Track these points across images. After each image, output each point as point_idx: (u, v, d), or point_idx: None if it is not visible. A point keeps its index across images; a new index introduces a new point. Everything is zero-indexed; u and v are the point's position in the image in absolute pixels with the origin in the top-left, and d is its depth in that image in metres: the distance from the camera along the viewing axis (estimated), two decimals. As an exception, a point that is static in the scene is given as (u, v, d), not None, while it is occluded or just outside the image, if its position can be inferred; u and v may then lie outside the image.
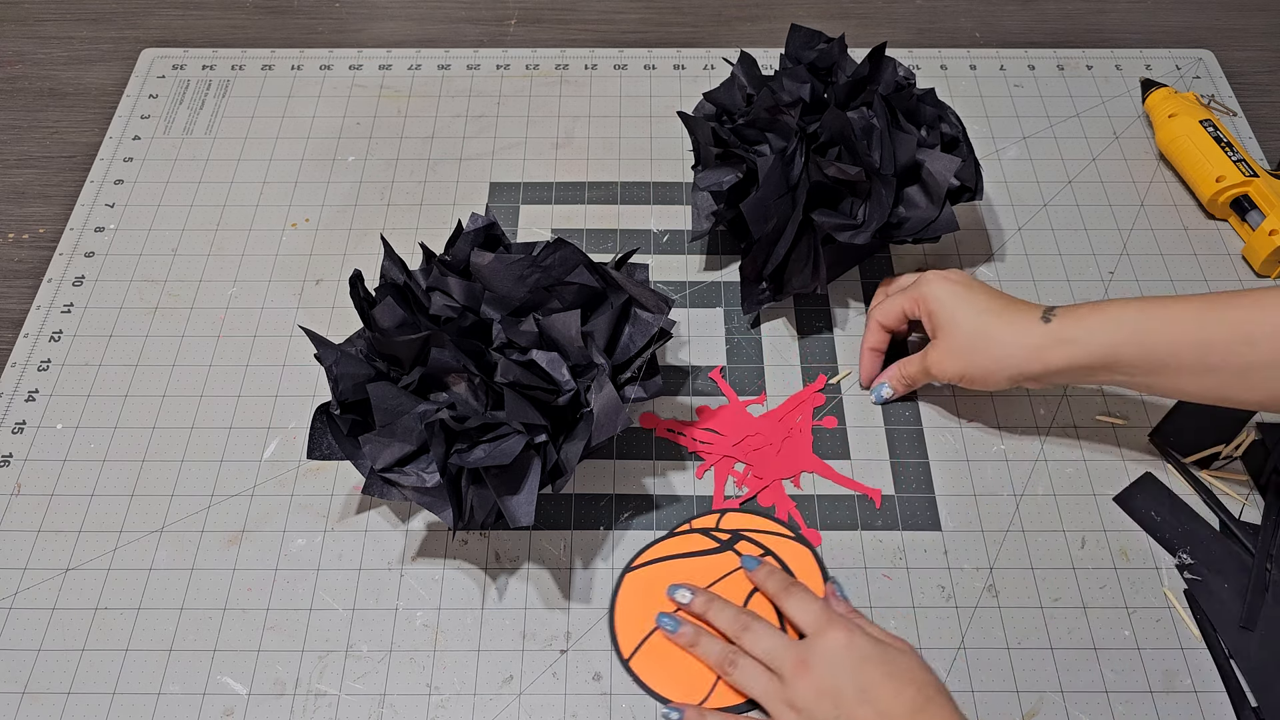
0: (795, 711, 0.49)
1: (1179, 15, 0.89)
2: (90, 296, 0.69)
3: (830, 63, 0.65)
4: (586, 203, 0.74)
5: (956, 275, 0.59)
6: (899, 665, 0.49)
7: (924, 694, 0.48)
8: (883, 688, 0.48)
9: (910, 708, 0.47)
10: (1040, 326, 0.54)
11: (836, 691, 0.48)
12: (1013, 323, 0.55)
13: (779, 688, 0.50)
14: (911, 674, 0.49)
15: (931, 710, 0.47)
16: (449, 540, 0.58)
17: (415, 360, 0.53)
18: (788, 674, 0.50)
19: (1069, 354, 0.53)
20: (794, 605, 0.52)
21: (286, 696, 0.53)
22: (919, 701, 0.47)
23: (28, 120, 0.81)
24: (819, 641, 0.50)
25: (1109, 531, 0.58)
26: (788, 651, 0.50)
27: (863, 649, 0.49)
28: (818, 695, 0.48)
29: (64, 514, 0.59)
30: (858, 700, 0.48)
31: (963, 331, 0.56)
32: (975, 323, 0.56)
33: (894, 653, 0.50)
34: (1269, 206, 0.69)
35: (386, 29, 0.88)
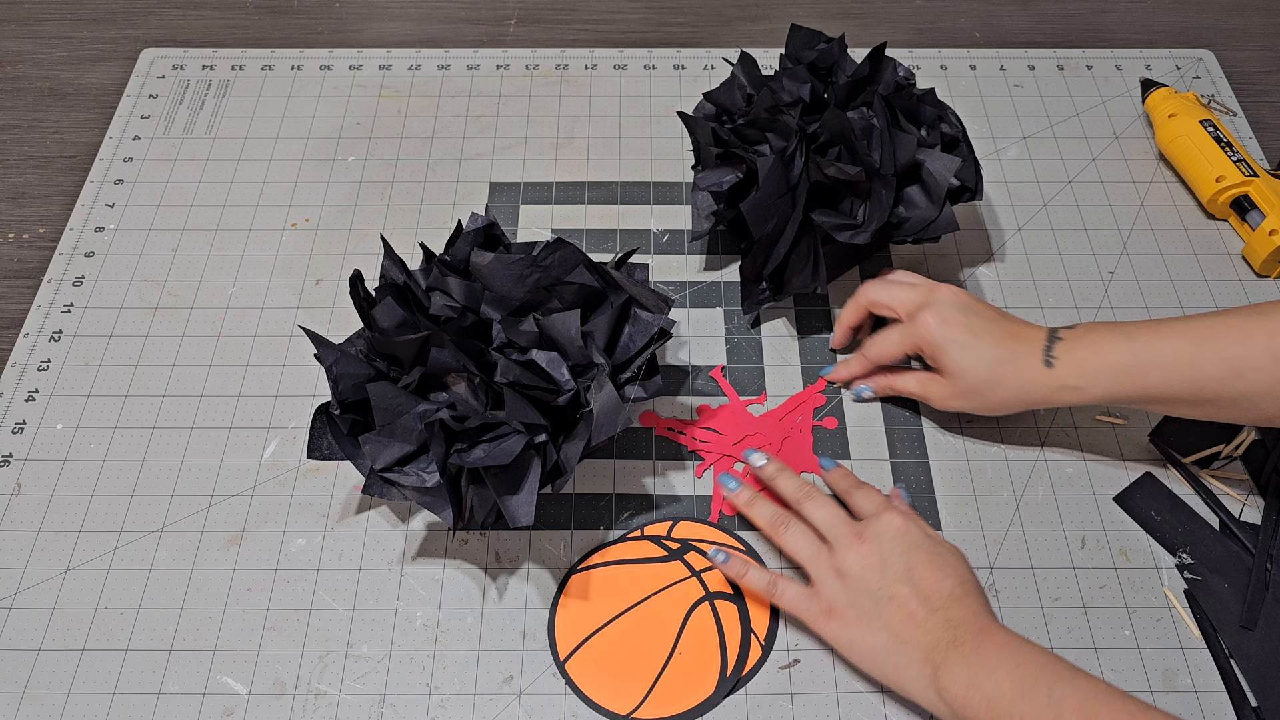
0: (840, 578, 0.52)
1: (1179, 15, 0.89)
2: (90, 296, 0.69)
3: (830, 63, 0.65)
4: (586, 203, 0.74)
5: (957, 316, 0.57)
6: (946, 558, 0.52)
7: (963, 586, 0.50)
8: (926, 571, 0.50)
9: (947, 595, 0.50)
10: (1044, 374, 0.55)
11: (883, 565, 0.51)
12: (1019, 369, 0.56)
13: (828, 555, 0.53)
14: (955, 568, 0.51)
15: (967, 602, 0.50)
16: (449, 540, 0.58)
17: (415, 360, 0.53)
18: (840, 543, 0.53)
19: (1073, 398, 0.55)
20: (859, 496, 0.56)
21: (286, 696, 0.53)
22: (957, 592, 0.50)
23: (28, 120, 0.81)
24: (876, 521, 0.53)
25: (1109, 531, 0.58)
26: (844, 524, 0.54)
27: (915, 536, 0.52)
28: (864, 565, 0.51)
29: (64, 514, 0.59)
30: (900, 578, 0.50)
31: (972, 377, 0.57)
32: (984, 371, 0.56)
33: (944, 547, 0.52)
34: (1269, 206, 0.69)
35: (386, 29, 0.88)
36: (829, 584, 0.52)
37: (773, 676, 0.53)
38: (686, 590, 0.56)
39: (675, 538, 0.58)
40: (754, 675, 0.53)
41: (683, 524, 0.58)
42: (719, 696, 0.53)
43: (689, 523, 0.59)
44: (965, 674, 0.47)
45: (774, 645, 0.54)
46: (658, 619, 0.55)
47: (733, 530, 0.58)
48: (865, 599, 0.51)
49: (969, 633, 0.48)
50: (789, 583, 0.54)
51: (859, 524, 0.54)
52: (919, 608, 0.49)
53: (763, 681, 0.53)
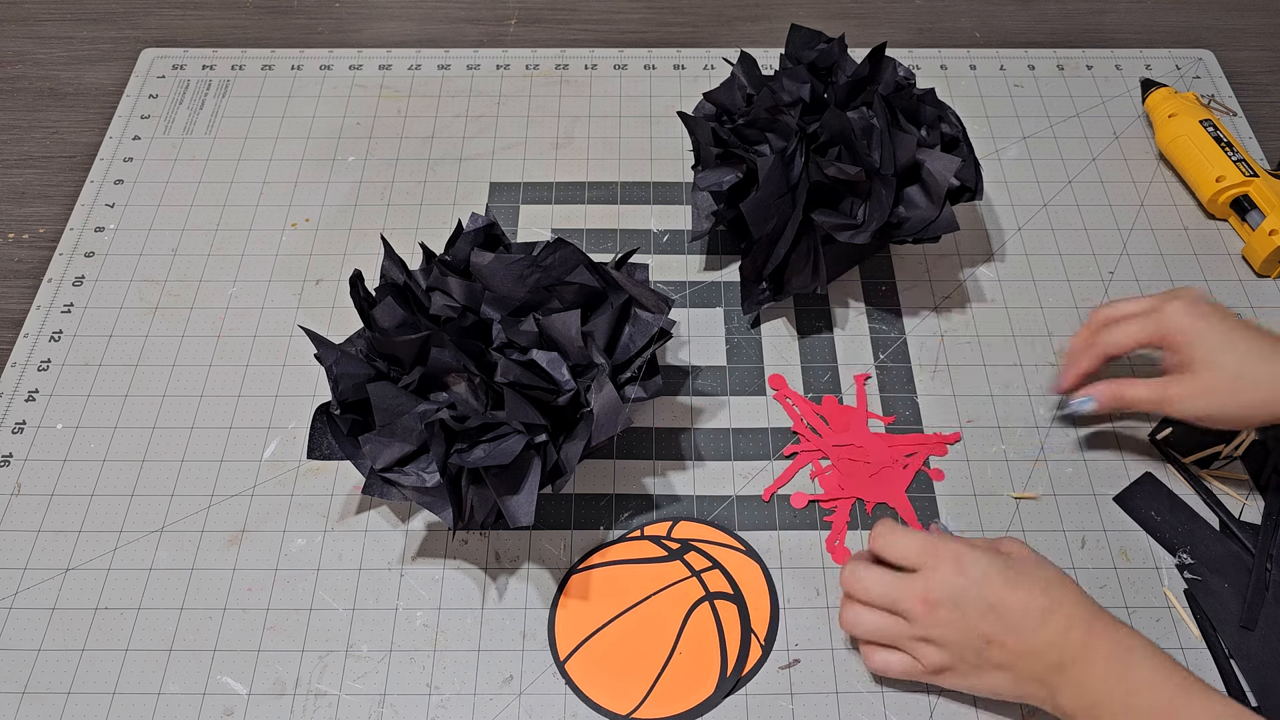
0: (930, 644, 0.49)
1: (1179, 15, 0.89)
2: (90, 296, 0.69)
3: (830, 63, 0.65)
4: (586, 203, 0.74)
5: (1209, 309, 0.54)
6: (1019, 571, 0.48)
7: (1049, 595, 0.47)
8: (1007, 598, 0.47)
9: (1038, 617, 0.47)
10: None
11: (963, 617, 0.48)
12: (1277, 369, 0.52)
13: (906, 627, 0.50)
14: (1033, 576, 0.48)
15: (1058, 614, 0.47)
16: (449, 540, 0.58)
17: (415, 360, 0.53)
18: (912, 614, 0.49)
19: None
20: (894, 543, 0.51)
21: (286, 696, 0.53)
22: (1048, 606, 0.47)
23: (28, 120, 0.81)
24: (931, 573, 0.49)
25: (1109, 531, 0.58)
26: (902, 589, 0.49)
27: (977, 567, 0.48)
28: (945, 627, 0.48)
29: (64, 514, 0.59)
30: (986, 619, 0.47)
31: (1225, 374, 0.53)
32: (1235, 364, 0.52)
33: (1009, 559, 0.49)
34: (1269, 206, 0.69)
35: (386, 29, 0.88)
36: (925, 652, 0.49)
37: (773, 676, 0.53)
38: (686, 590, 0.56)
39: (675, 538, 0.58)
40: (754, 675, 0.53)
41: (683, 524, 0.58)
42: (719, 696, 0.53)
43: (689, 523, 0.59)
44: (1077, 698, 0.46)
45: (774, 645, 0.54)
46: (658, 619, 0.55)
47: (732, 530, 0.58)
48: (966, 653, 0.48)
49: (1071, 653, 0.46)
50: (890, 654, 0.51)
51: (916, 580, 0.49)
52: (1016, 643, 0.47)
53: (763, 681, 0.53)
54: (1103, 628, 0.47)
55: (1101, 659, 0.46)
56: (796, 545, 0.58)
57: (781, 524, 0.58)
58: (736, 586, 0.56)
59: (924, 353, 0.66)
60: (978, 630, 0.48)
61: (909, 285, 0.69)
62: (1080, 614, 0.47)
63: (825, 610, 0.55)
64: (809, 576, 0.56)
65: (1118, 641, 0.46)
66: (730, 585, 0.56)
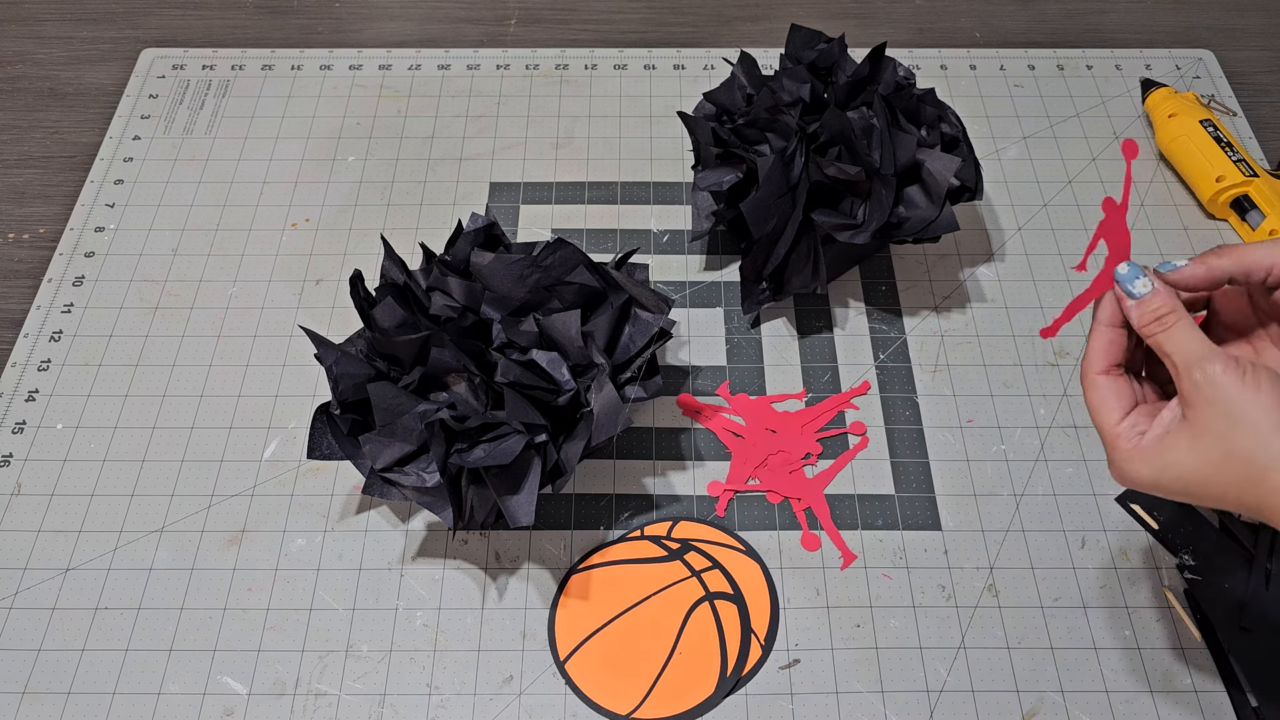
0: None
1: (1179, 15, 0.89)
2: (90, 296, 0.69)
3: (830, 63, 0.65)
4: (586, 203, 0.74)
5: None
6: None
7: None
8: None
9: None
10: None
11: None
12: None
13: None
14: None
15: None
16: (449, 540, 0.58)
17: (415, 360, 0.53)
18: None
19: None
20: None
21: (286, 696, 0.53)
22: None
23: (28, 120, 0.81)
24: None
25: (1109, 531, 0.58)
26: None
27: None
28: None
29: (64, 514, 0.59)
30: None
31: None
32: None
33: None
34: (1269, 206, 0.69)
35: (386, 29, 0.88)
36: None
37: (773, 676, 0.53)
38: (686, 590, 0.56)
39: (675, 538, 0.58)
40: (754, 675, 0.53)
41: (683, 524, 0.58)
42: (719, 696, 0.53)
43: (689, 523, 0.59)
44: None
45: (774, 645, 0.54)
46: (658, 619, 0.55)
47: (732, 530, 0.58)
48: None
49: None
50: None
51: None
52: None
53: (763, 681, 0.53)
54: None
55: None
56: (796, 545, 0.58)
57: (781, 524, 0.58)
58: (736, 586, 0.56)
59: (924, 353, 0.66)
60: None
61: (909, 285, 0.69)
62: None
63: (825, 610, 0.55)
64: (809, 576, 0.56)
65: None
66: (730, 585, 0.56)
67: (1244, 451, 0.38)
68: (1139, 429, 0.42)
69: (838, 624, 0.55)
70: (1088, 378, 0.44)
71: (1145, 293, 0.43)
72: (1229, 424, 0.39)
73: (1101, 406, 0.44)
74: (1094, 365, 0.44)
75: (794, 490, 0.59)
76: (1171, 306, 0.42)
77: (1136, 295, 0.43)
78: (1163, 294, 0.42)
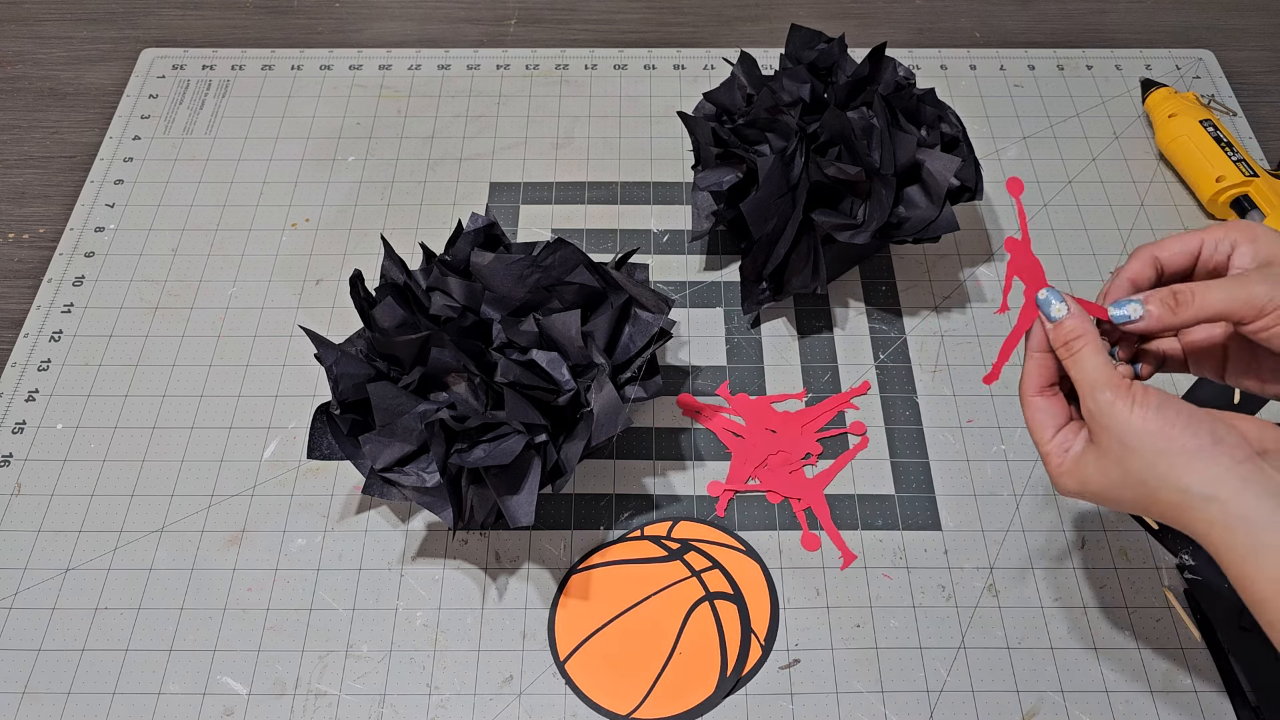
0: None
1: (1179, 15, 0.89)
2: (90, 296, 0.69)
3: (830, 63, 0.65)
4: (586, 203, 0.74)
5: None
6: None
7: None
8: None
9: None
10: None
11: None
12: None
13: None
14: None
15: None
16: (449, 540, 0.58)
17: (415, 360, 0.53)
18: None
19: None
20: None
21: (286, 696, 0.53)
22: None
23: (28, 120, 0.81)
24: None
25: (1109, 531, 0.58)
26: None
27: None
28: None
29: (64, 514, 0.59)
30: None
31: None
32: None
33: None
34: (1269, 206, 0.69)
35: (386, 29, 0.88)
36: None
37: (773, 676, 0.53)
38: (686, 590, 0.56)
39: (675, 538, 0.58)
40: (754, 675, 0.53)
41: (683, 524, 0.58)
42: (719, 696, 0.53)
43: (689, 523, 0.59)
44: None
45: (774, 645, 0.54)
46: (658, 619, 0.55)
47: (732, 530, 0.58)
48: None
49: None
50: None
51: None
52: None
53: (763, 681, 0.53)
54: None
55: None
56: (796, 545, 0.58)
57: (781, 524, 0.58)
58: (736, 586, 0.56)
59: (924, 353, 0.66)
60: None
61: (909, 285, 0.69)
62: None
63: (825, 610, 0.55)
64: (809, 576, 0.56)
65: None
66: (730, 585, 0.56)
67: (1136, 473, 0.41)
68: (1065, 445, 0.45)
69: (838, 624, 0.55)
70: (1024, 399, 0.47)
71: (1060, 317, 0.45)
72: (1122, 448, 0.42)
73: (1035, 425, 0.46)
74: (1029, 387, 0.47)
75: (794, 490, 0.59)
76: (1080, 331, 0.44)
77: (1053, 319, 0.45)
78: (1075, 318, 0.44)
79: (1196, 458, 0.40)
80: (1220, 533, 0.40)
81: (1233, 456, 0.40)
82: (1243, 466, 0.40)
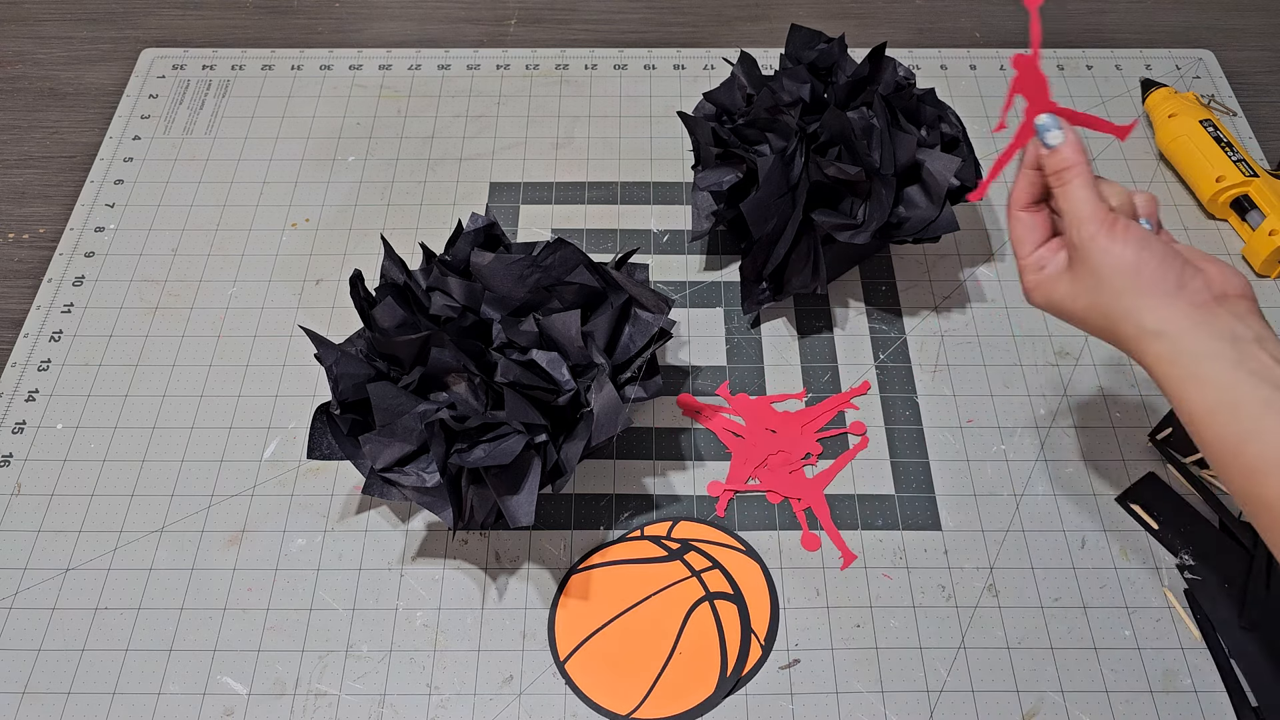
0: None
1: (1179, 15, 0.89)
2: (90, 296, 0.69)
3: (830, 63, 0.65)
4: (586, 203, 0.74)
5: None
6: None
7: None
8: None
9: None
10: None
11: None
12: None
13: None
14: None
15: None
16: (449, 540, 0.58)
17: (415, 360, 0.53)
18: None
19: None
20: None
21: (286, 696, 0.53)
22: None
23: (28, 120, 0.81)
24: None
25: (1109, 531, 0.58)
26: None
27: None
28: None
29: (64, 514, 0.59)
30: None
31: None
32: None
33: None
34: (1269, 206, 0.69)
35: (386, 29, 0.88)
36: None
37: (773, 676, 0.53)
38: (686, 590, 0.56)
39: (675, 538, 0.58)
40: (754, 675, 0.53)
41: (683, 524, 0.58)
42: (719, 696, 0.53)
43: (689, 523, 0.59)
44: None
45: (774, 645, 0.54)
46: (658, 619, 0.55)
47: (732, 530, 0.58)
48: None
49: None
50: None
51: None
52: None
53: (763, 681, 0.53)
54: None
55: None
56: (796, 545, 0.58)
57: (781, 524, 0.58)
58: (736, 586, 0.56)
59: (924, 353, 0.66)
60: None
61: (909, 285, 0.69)
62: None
63: (825, 610, 0.55)
64: (809, 576, 0.56)
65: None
66: (730, 585, 0.56)
67: (1103, 305, 0.45)
68: (1041, 263, 0.48)
69: (838, 624, 0.55)
70: (1010, 212, 0.50)
71: (1056, 144, 0.47)
72: (1095, 280, 0.45)
73: (1016, 239, 0.49)
74: (1017, 201, 0.50)
75: (794, 490, 0.59)
76: (1073, 162, 0.46)
77: (1049, 145, 0.47)
78: (1071, 147, 0.47)
79: (1159, 297, 0.43)
80: (1165, 366, 0.43)
81: (1191, 301, 0.43)
82: (1198, 311, 0.43)
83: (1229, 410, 0.41)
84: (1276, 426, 0.40)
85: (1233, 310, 0.43)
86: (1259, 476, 0.40)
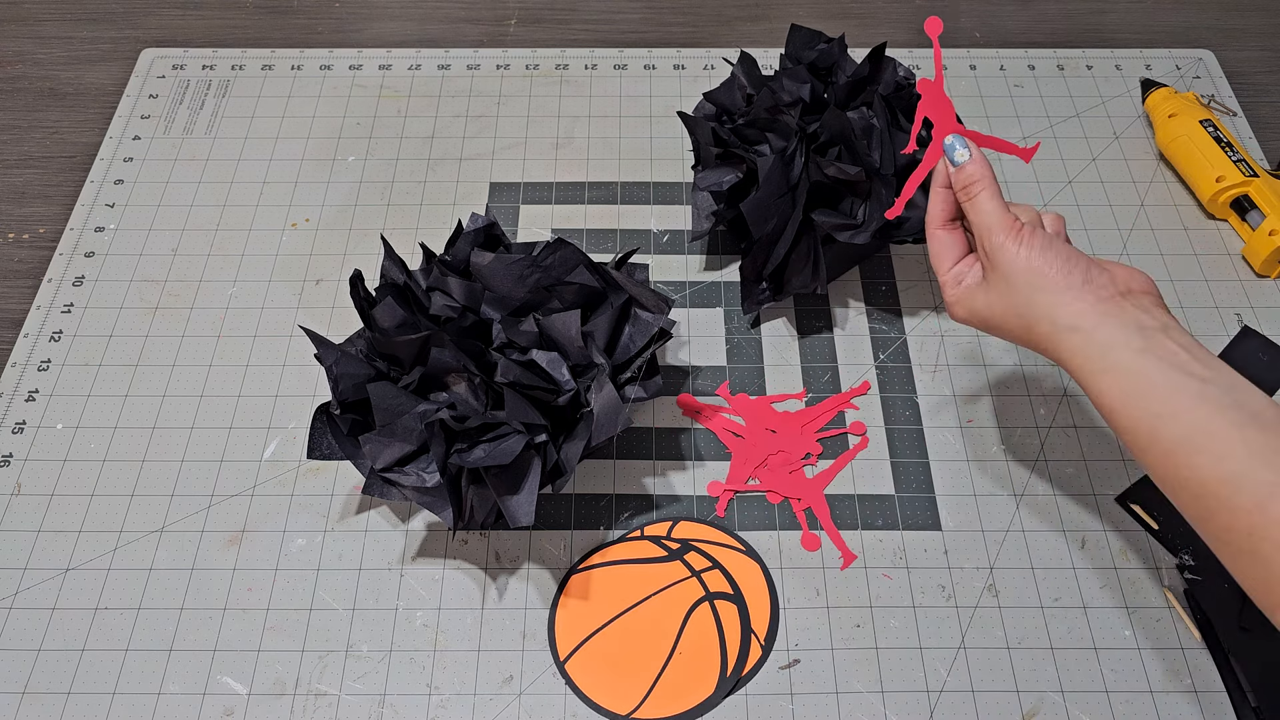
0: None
1: (1179, 15, 0.89)
2: (90, 296, 0.69)
3: (830, 63, 0.65)
4: (586, 203, 0.74)
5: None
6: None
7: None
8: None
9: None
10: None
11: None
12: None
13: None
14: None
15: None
16: (449, 540, 0.58)
17: (415, 360, 0.53)
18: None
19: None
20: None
21: (286, 696, 0.53)
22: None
23: (28, 120, 0.81)
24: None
25: (1109, 531, 0.58)
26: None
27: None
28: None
29: (64, 514, 0.59)
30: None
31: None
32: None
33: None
34: (1269, 206, 0.69)
35: (386, 29, 0.88)
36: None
37: (773, 676, 0.53)
38: (686, 590, 0.56)
39: (675, 538, 0.58)
40: (754, 675, 0.53)
41: (683, 524, 0.58)
42: (719, 696, 0.53)
43: (689, 523, 0.59)
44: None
45: (774, 645, 0.54)
46: (658, 619, 0.55)
47: (732, 530, 0.58)
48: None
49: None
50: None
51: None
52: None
53: (763, 681, 0.53)
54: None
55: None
56: (796, 545, 0.58)
57: (781, 524, 0.58)
58: (736, 586, 0.56)
59: (924, 353, 0.66)
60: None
61: (909, 285, 0.69)
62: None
63: (825, 610, 0.55)
64: (809, 576, 0.56)
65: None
66: (730, 585, 0.56)
67: (1017, 307, 0.47)
68: (960, 277, 0.51)
69: (838, 624, 0.55)
70: (928, 231, 0.52)
71: (962, 162, 0.50)
72: (1007, 285, 0.47)
73: (935, 256, 0.52)
74: (933, 220, 0.52)
75: (794, 490, 0.59)
76: (979, 176, 0.49)
77: (956, 163, 0.50)
78: (976, 164, 0.50)
79: (1067, 294, 0.45)
80: (1080, 359, 0.45)
81: (1098, 295, 0.45)
82: (1105, 304, 0.45)
83: (1140, 396, 0.43)
84: (1187, 408, 0.41)
85: (1138, 304, 0.45)
86: (1175, 458, 0.41)
